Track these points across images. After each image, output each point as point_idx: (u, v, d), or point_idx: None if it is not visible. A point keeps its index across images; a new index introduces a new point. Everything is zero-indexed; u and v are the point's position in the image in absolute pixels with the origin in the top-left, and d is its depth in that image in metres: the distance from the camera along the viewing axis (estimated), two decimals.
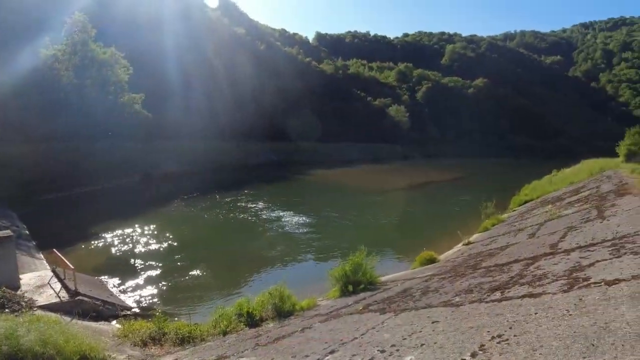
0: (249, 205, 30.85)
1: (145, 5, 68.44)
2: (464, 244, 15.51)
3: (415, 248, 16.11)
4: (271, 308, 9.29)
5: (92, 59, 41.60)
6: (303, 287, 11.99)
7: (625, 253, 6.00)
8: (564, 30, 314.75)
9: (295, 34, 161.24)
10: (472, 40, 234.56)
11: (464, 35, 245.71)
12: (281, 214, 27.85)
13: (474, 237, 16.61)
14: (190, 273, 15.86)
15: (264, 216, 27.43)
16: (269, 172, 55.22)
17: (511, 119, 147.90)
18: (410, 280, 10.34)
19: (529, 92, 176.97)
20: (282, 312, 9.19)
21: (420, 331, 4.98)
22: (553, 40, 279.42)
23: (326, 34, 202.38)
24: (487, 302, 5.51)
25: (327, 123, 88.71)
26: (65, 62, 40.43)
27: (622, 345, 3.18)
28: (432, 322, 5.25)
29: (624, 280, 4.74)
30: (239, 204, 31.36)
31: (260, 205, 30.87)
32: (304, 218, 26.68)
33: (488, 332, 4.26)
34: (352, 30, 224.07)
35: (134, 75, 46.23)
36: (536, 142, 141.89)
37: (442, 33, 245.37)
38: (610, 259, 5.97)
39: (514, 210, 23.08)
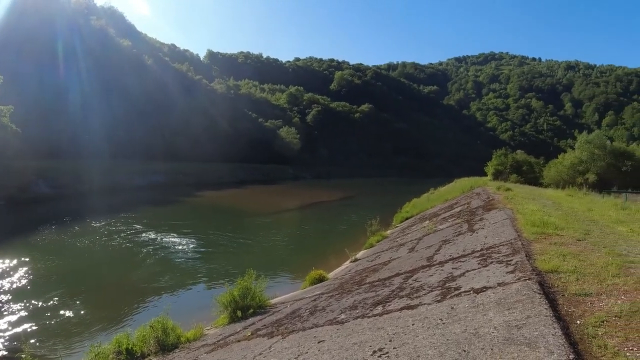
0: (131, 230, 28.60)
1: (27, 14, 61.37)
2: (351, 261, 15.96)
3: (306, 267, 16.15)
4: (154, 342, 8.50)
5: None
6: (191, 316, 11.29)
7: (491, 262, 6.53)
8: (440, 63, 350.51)
9: (186, 51, 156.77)
10: (359, 68, 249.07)
11: (351, 63, 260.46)
12: (166, 239, 26.19)
13: (360, 254, 17.18)
14: (65, 310, 14.04)
15: (148, 242, 25.52)
16: (155, 194, 52.10)
17: (394, 141, 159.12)
18: (299, 301, 10.28)
19: (409, 118, 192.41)
20: (166, 346, 8.46)
21: (307, 352, 4.91)
22: (431, 71, 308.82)
23: (218, 52, 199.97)
24: (369, 317, 5.63)
25: (217, 143, 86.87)
26: None
27: (491, 349, 3.38)
28: (319, 342, 5.21)
29: (490, 287, 5.11)
30: (119, 229, 28.92)
31: (144, 230, 28.79)
32: (191, 243, 25.42)
33: (370, 346, 4.31)
34: (245, 50, 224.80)
35: (9, 88, 40.97)
36: (416, 163, 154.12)
37: (332, 60, 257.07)
38: (478, 268, 6.44)
39: (397, 227, 24.40)
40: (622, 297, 4.36)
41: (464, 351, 3.49)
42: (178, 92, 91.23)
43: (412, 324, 4.58)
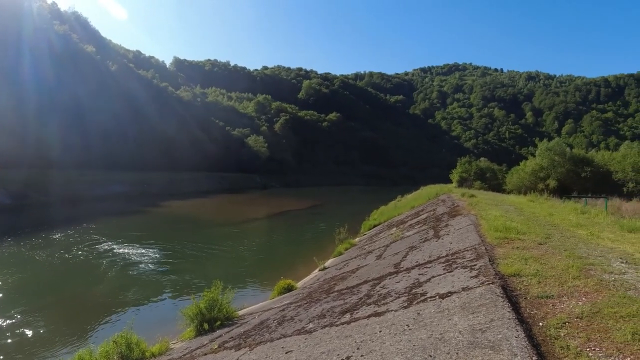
0: (93, 242, 27.57)
1: None
2: (320, 270, 15.89)
3: (274, 277, 15.94)
4: (117, 358, 8.21)
5: None
6: (156, 330, 10.93)
7: (456, 267, 6.61)
8: (406, 73, 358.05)
9: (151, 57, 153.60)
10: (326, 77, 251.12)
11: (319, 72, 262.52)
12: (130, 251, 25.37)
13: (329, 262, 17.14)
14: (23, 327, 13.30)
15: (110, 254, 24.63)
16: (118, 205, 50.64)
17: (361, 150, 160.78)
18: (268, 311, 10.14)
19: (376, 127, 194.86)
20: None
21: None
22: (397, 81, 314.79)
23: (185, 59, 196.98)
24: (337, 325, 5.59)
25: (183, 152, 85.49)
26: None
27: (457, 353, 3.40)
28: (286, 353, 5.13)
29: (455, 292, 5.16)
30: (80, 241, 27.86)
31: (106, 242, 27.81)
32: (156, 254, 24.72)
33: (338, 355, 4.26)
34: (212, 58, 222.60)
35: None
36: (384, 171, 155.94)
37: (300, 69, 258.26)
38: (444, 273, 6.51)
39: (365, 234, 24.52)
40: (583, 298, 4.47)
41: (430, 356, 3.50)
42: (143, 100, 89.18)
43: (380, 331, 4.57)
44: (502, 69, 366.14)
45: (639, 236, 9.51)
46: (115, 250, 25.49)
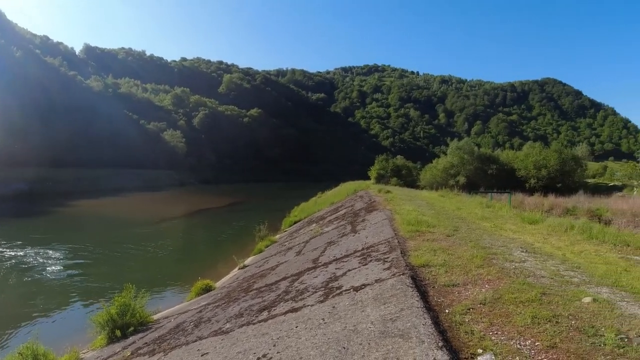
0: None
1: None
2: (239, 268, 15.65)
3: (193, 278, 15.39)
4: None
5: None
6: (66, 339, 10.13)
7: (371, 260, 6.80)
8: (328, 72, 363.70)
9: (59, 43, 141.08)
10: (248, 72, 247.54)
11: (241, 67, 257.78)
12: (35, 256, 23.08)
13: (249, 260, 16.95)
14: None
15: (13, 261, 22.21)
16: (19, 204, 46.18)
17: (283, 146, 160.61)
18: (184, 314, 9.79)
19: (298, 124, 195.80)
20: None
21: None
22: (319, 79, 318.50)
23: (96, 47, 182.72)
24: (255, 323, 5.52)
25: (94, 146, 79.84)
26: None
27: (369, 343, 3.48)
28: (202, 355, 4.98)
29: (369, 284, 5.30)
30: None
31: (6, 246, 25.22)
32: (64, 258, 22.78)
33: (254, 353, 4.21)
34: (127, 47, 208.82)
35: None
36: (305, 167, 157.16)
37: (220, 62, 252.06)
38: (359, 267, 6.67)
39: (285, 231, 24.59)
40: (486, 285, 4.79)
41: (344, 348, 3.56)
42: (49, 90, 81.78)
43: (296, 327, 4.57)
44: (418, 72, 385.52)
45: (538, 227, 10.46)
46: (18, 256, 23.03)
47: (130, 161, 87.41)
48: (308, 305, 5.33)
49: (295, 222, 26.90)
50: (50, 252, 23.93)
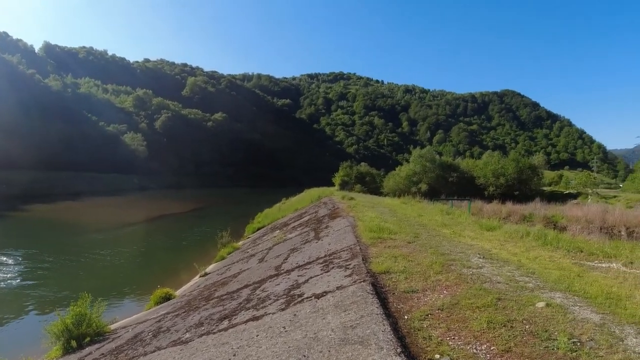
0: None
1: None
2: (200, 276, 15.37)
3: (153, 286, 14.95)
4: None
5: None
6: (19, 351, 9.70)
7: (333, 267, 6.81)
8: (294, 78, 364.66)
9: (18, 40, 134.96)
10: (213, 75, 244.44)
11: (206, 70, 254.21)
12: None
13: (210, 267, 16.67)
14: None
15: None
16: None
17: (247, 151, 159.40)
18: (143, 323, 9.51)
19: (262, 129, 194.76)
20: None
21: None
22: (285, 85, 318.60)
23: (56, 45, 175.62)
24: (215, 333, 5.42)
25: (50, 148, 76.67)
26: None
27: (329, 351, 3.48)
28: None
29: (330, 292, 5.31)
30: None
31: None
32: (18, 266, 21.65)
33: None
34: (88, 46, 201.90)
35: None
36: (270, 173, 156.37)
37: (185, 64, 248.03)
38: (321, 274, 6.67)
39: (249, 237, 24.35)
40: (444, 291, 4.89)
41: (304, 356, 3.55)
42: (5, 89, 78.06)
43: (257, 335, 4.52)
44: (383, 81, 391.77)
45: (496, 234, 10.77)
46: None
47: (89, 164, 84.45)
48: (269, 314, 5.28)
49: (258, 229, 26.69)
50: (3, 258, 22.78)
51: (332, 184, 51.23)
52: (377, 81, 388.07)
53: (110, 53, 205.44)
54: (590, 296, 4.85)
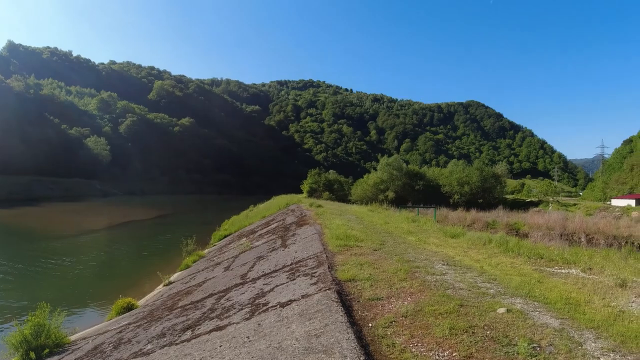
0: None
1: None
2: (164, 285, 14.98)
3: (114, 296, 14.49)
4: None
5: None
6: None
7: (299, 276, 6.78)
8: (263, 85, 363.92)
9: None
10: (181, 80, 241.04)
11: (173, 74, 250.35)
12: None
13: (174, 276, 16.29)
14: None
15: None
16: None
17: (215, 158, 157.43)
18: (103, 334, 9.20)
19: (230, 135, 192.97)
20: None
21: None
22: (254, 91, 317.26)
23: (20, 44, 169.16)
24: (177, 344, 5.29)
25: (8, 151, 73.59)
26: None
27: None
28: None
29: (295, 300, 5.28)
30: None
31: None
32: None
33: None
34: (52, 46, 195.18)
35: None
36: (237, 180, 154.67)
37: (152, 68, 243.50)
38: (287, 282, 6.63)
39: (215, 245, 23.96)
40: (409, 298, 4.94)
41: None
42: None
43: (220, 346, 4.45)
44: (351, 90, 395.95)
45: (459, 241, 10.99)
46: None
47: (49, 168, 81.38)
48: (233, 323, 5.20)
49: (225, 236, 26.31)
50: None
51: (301, 191, 51.19)
52: (346, 90, 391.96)
53: (75, 54, 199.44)
54: (550, 302, 5.00)
